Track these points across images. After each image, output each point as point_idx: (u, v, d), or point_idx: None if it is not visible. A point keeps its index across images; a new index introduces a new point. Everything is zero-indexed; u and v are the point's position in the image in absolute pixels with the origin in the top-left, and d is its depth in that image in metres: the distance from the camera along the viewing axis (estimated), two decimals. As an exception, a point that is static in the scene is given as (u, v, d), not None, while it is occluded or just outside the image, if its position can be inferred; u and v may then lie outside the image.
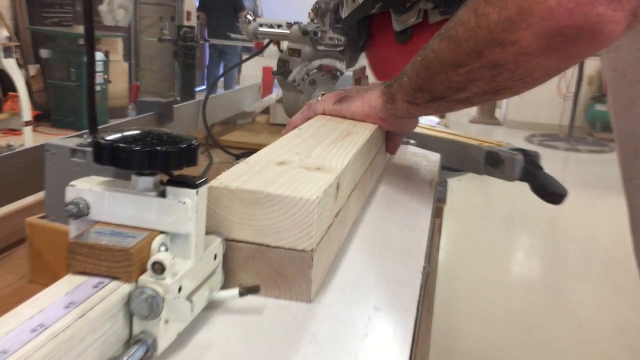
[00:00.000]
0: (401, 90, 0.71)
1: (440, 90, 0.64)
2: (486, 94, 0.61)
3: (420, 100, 0.68)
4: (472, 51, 0.57)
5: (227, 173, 0.50)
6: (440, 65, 0.62)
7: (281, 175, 0.50)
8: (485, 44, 0.55)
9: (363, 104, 0.79)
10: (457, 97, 0.63)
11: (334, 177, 0.52)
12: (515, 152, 0.93)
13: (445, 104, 0.65)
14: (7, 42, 4.30)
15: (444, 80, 0.62)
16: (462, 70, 0.59)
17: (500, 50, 0.54)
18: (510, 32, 0.53)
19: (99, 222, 0.40)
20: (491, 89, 0.60)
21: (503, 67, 0.56)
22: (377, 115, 0.77)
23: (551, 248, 3.60)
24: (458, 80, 0.60)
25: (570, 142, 6.27)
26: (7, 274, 0.64)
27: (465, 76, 0.59)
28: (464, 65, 0.59)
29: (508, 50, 0.54)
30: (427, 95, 0.66)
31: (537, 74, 0.56)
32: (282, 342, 0.41)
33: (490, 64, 0.56)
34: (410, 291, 0.50)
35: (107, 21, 5.36)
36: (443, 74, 0.62)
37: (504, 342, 2.40)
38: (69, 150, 0.60)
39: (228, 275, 0.47)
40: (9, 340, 0.30)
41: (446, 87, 0.63)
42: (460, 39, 0.58)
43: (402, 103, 0.71)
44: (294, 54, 1.24)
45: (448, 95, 0.64)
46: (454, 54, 0.59)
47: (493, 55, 0.55)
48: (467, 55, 0.58)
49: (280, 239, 0.46)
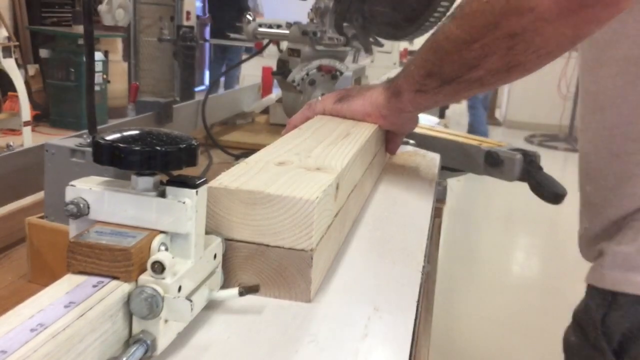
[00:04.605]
0: (407, 81, 0.70)
1: (453, 71, 0.63)
2: (499, 72, 0.61)
3: (429, 87, 0.67)
4: (488, 24, 0.57)
5: (227, 173, 0.50)
6: (453, 44, 0.61)
7: (281, 176, 0.50)
8: (502, 14, 0.55)
9: (364, 102, 0.78)
10: (469, 77, 0.62)
11: (333, 177, 0.52)
12: (515, 152, 0.93)
13: (456, 86, 0.65)
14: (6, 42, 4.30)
15: (457, 60, 0.62)
16: (476, 45, 0.59)
17: (517, 18, 0.55)
18: None
19: (99, 222, 0.40)
20: (505, 64, 0.59)
21: (520, 37, 0.56)
22: (379, 112, 0.77)
23: (551, 248, 3.60)
24: (472, 57, 0.60)
25: (570, 142, 6.27)
26: (6, 273, 0.64)
27: (479, 51, 0.59)
28: (479, 39, 0.58)
29: (525, 18, 0.54)
30: (437, 79, 0.66)
31: (551, 45, 0.56)
32: (282, 342, 0.41)
33: (506, 34, 0.56)
34: (410, 291, 0.50)
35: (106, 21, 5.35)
36: (456, 54, 0.61)
37: (504, 342, 2.40)
38: (68, 150, 0.60)
39: (228, 275, 0.47)
40: (8, 340, 0.30)
41: (459, 66, 0.62)
42: (475, 13, 0.58)
43: (409, 94, 0.71)
44: (293, 54, 1.24)
45: (460, 76, 0.63)
46: (468, 30, 0.59)
47: (510, 25, 0.55)
48: (483, 29, 0.58)
49: (280, 238, 0.46)
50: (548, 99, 6.80)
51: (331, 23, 1.18)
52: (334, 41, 1.20)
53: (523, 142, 6.28)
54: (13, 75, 4.15)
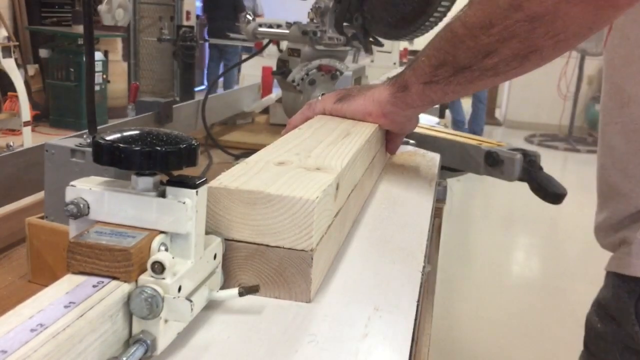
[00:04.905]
0: (416, 74, 0.70)
1: (467, 58, 0.63)
2: (515, 59, 0.61)
3: (440, 77, 0.67)
4: (510, 7, 0.57)
5: (227, 173, 0.50)
6: (469, 31, 0.61)
7: (281, 176, 0.50)
8: None
9: (365, 101, 0.78)
10: (484, 64, 0.62)
11: (333, 177, 0.52)
12: (515, 152, 0.93)
13: (469, 75, 0.64)
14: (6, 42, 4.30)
15: (472, 46, 0.62)
16: (494, 30, 0.59)
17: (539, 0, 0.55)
18: None
19: (99, 222, 0.40)
20: (522, 50, 0.59)
21: (540, 20, 0.56)
22: (381, 110, 0.76)
23: (551, 248, 3.60)
24: (488, 42, 0.60)
25: (570, 142, 6.27)
26: (6, 274, 0.64)
27: (497, 36, 0.59)
28: (498, 23, 0.58)
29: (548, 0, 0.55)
30: (449, 68, 0.65)
31: (572, 29, 0.57)
32: (282, 342, 0.41)
33: (527, 16, 0.56)
34: (410, 291, 0.50)
35: (106, 21, 5.36)
36: (472, 40, 0.61)
37: (504, 342, 2.40)
38: (68, 150, 0.60)
39: (228, 275, 0.47)
40: (8, 340, 0.30)
41: (474, 52, 0.62)
42: None
43: (417, 86, 0.70)
44: (293, 53, 1.24)
45: (475, 63, 0.63)
46: (488, 14, 0.59)
47: (532, 7, 0.56)
48: (504, 12, 0.58)
49: (280, 238, 0.46)
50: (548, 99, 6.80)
51: (331, 23, 1.18)
52: (334, 41, 1.20)
53: (523, 142, 6.28)
54: (13, 75, 4.15)
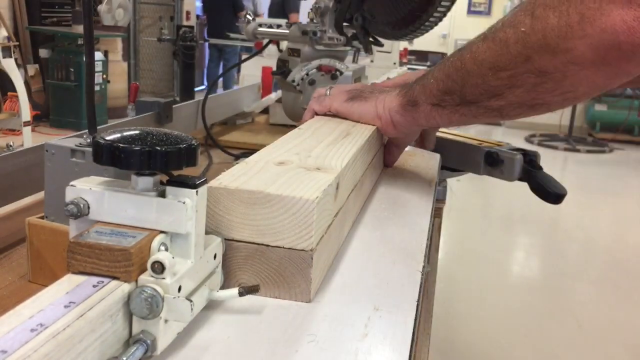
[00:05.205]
0: (425, 92, 0.68)
1: (473, 94, 0.61)
2: (521, 107, 0.59)
3: (447, 103, 0.65)
4: (519, 55, 0.55)
5: (227, 173, 0.50)
6: (479, 67, 0.59)
7: (281, 175, 0.50)
8: (536, 49, 0.54)
9: (377, 104, 0.76)
10: (490, 104, 0.61)
11: (333, 177, 0.52)
12: (515, 152, 0.93)
13: (475, 110, 0.63)
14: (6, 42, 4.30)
15: (480, 84, 0.60)
16: (503, 75, 0.57)
17: (550, 57, 0.53)
18: (565, 40, 0.51)
19: (99, 222, 0.40)
20: (529, 100, 0.58)
21: (549, 76, 0.54)
22: (390, 118, 0.74)
23: (551, 248, 3.60)
24: (496, 85, 0.58)
25: (570, 142, 6.27)
26: (6, 274, 0.64)
27: (506, 81, 0.57)
28: (507, 69, 0.57)
29: (558, 58, 0.53)
30: (456, 98, 0.64)
31: (581, 90, 0.55)
32: (282, 342, 0.41)
33: (536, 70, 0.55)
34: (410, 291, 0.50)
35: (106, 21, 5.36)
36: (479, 77, 0.60)
37: (504, 342, 2.40)
38: (68, 150, 0.60)
39: (228, 275, 0.47)
40: (8, 340, 0.30)
41: (481, 91, 0.60)
42: (508, 41, 0.56)
43: (426, 105, 0.68)
44: (293, 53, 1.24)
45: (480, 101, 0.61)
46: (498, 57, 0.57)
47: (542, 62, 0.54)
48: (513, 59, 0.56)
49: (280, 238, 0.46)
50: (548, 99, 6.79)
51: (331, 23, 1.18)
52: (334, 41, 1.20)
53: (523, 142, 6.28)
54: (13, 75, 4.15)
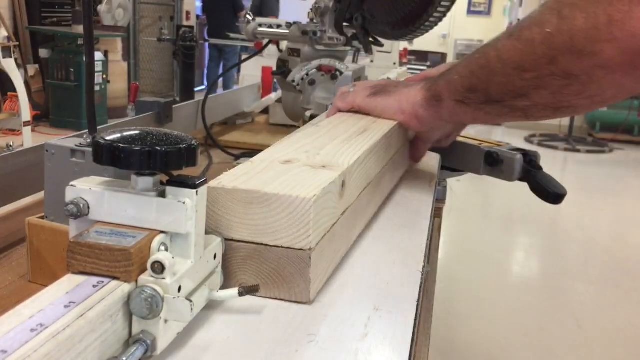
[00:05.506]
0: (449, 88, 0.66)
1: (498, 94, 0.60)
2: (546, 110, 0.58)
3: (471, 101, 0.64)
4: (544, 56, 0.54)
5: (229, 173, 0.50)
6: (503, 66, 0.58)
7: (283, 174, 0.50)
8: (562, 51, 0.52)
9: (401, 99, 0.74)
10: (515, 104, 0.59)
11: (337, 174, 0.51)
12: (515, 152, 0.93)
13: (499, 109, 0.62)
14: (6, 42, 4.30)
15: (505, 83, 0.59)
16: (528, 76, 0.56)
17: (576, 59, 0.52)
18: (592, 42, 0.50)
19: (99, 222, 0.40)
20: (554, 103, 0.56)
21: (575, 79, 0.53)
22: (415, 113, 0.72)
23: (551, 248, 3.60)
24: (521, 86, 0.57)
25: (570, 142, 6.27)
26: (6, 274, 0.64)
27: (531, 82, 0.56)
28: (532, 70, 0.55)
29: (585, 61, 0.51)
30: (481, 96, 0.62)
31: (608, 94, 0.54)
32: (282, 342, 0.41)
33: (562, 72, 0.53)
34: (410, 291, 0.50)
35: (106, 21, 5.36)
36: (504, 76, 0.58)
37: (504, 342, 2.40)
38: (68, 150, 0.60)
39: (228, 275, 0.47)
40: (8, 340, 0.30)
41: (506, 91, 0.59)
42: (534, 41, 0.54)
43: (449, 102, 0.67)
44: (293, 53, 1.24)
45: (505, 100, 0.60)
46: (523, 56, 0.56)
47: (567, 64, 0.52)
48: (538, 60, 0.54)
49: (278, 238, 0.46)
50: (548, 99, 6.78)
51: (331, 23, 1.18)
52: (334, 41, 1.20)
53: (523, 142, 6.28)
54: (13, 76, 4.15)
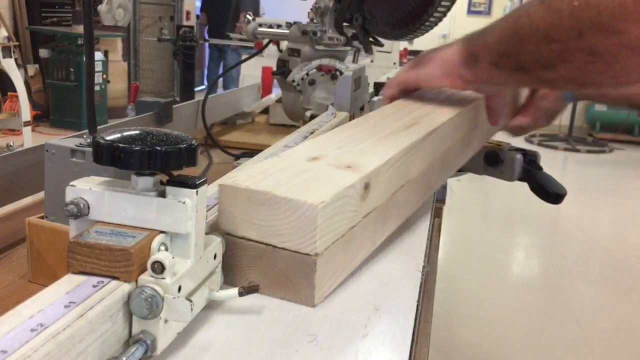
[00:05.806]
0: (484, 49, 0.65)
1: (527, 62, 0.59)
2: (572, 84, 0.57)
3: (504, 66, 0.63)
4: (571, 29, 0.53)
5: (248, 170, 0.49)
6: (533, 34, 0.57)
7: (301, 174, 0.49)
8: (589, 25, 0.51)
9: (438, 63, 0.72)
10: (542, 75, 0.59)
11: (359, 177, 0.50)
12: (515, 152, 0.93)
13: (528, 78, 0.62)
14: (6, 42, 4.30)
15: (534, 52, 0.58)
16: (555, 47, 0.55)
17: (602, 36, 0.51)
18: (619, 20, 0.49)
19: (99, 222, 0.40)
20: (580, 78, 0.56)
21: (600, 57, 0.52)
22: (457, 73, 0.70)
23: (551, 248, 3.60)
24: (549, 57, 0.56)
25: (570, 142, 6.27)
26: (6, 273, 0.64)
27: (557, 53, 0.55)
28: (559, 41, 0.54)
29: (611, 39, 0.50)
30: (512, 62, 0.62)
31: (635, 75, 0.53)
32: (282, 342, 0.41)
33: (587, 48, 0.52)
34: (410, 291, 0.50)
35: (106, 21, 5.36)
36: (534, 45, 0.57)
37: (504, 342, 2.40)
38: (68, 150, 0.60)
39: (237, 273, 0.47)
40: (8, 339, 0.30)
41: (534, 60, 0.58)
42: (562, 12, 0.53)
43: (485, 63, 0.66)
44: (293, 53, 1.24)
45: (532, 70, 0.59)
46: (551, 27, 0.55)
47: (593, 40, 0.51)
48: (565, 32, 0.53)
49: (286, 240, 0.45)
50: (548, 98, 6.78)
51: (331, 23, 1.18)
52: (334, 41, 1.20)
53: (522, 141, 6.27)
54: (13, 75, 4.15)
